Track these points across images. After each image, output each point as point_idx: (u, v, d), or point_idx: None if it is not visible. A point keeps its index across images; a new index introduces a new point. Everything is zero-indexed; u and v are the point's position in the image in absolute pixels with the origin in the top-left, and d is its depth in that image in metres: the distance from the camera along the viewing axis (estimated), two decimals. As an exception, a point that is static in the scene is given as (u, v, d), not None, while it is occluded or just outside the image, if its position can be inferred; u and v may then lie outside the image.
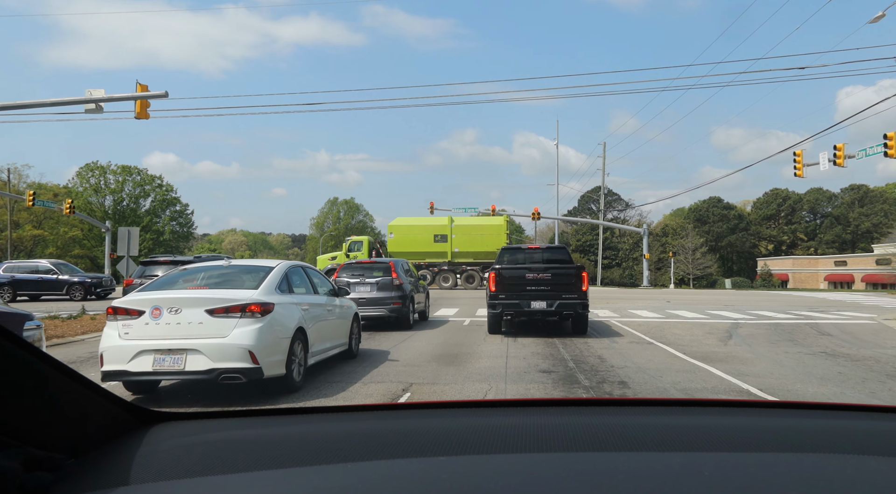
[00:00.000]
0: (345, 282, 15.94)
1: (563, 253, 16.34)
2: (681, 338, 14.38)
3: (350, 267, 16.38)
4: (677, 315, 20.86)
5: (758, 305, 26.23)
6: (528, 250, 16.49)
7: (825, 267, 75.38)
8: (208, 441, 1.40)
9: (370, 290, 15.86)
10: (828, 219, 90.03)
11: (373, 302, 15.71)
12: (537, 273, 14.25)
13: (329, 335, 9.61)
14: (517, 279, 14.27)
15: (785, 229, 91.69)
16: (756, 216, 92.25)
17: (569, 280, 14.23)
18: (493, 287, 14.34)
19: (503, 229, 41.59)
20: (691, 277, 69.89)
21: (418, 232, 42.02)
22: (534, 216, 52.45)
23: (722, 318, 19.57)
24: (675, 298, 31.64)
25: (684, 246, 69.64)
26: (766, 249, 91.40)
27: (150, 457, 1.27)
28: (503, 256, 16.27)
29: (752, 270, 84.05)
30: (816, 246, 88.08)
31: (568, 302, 14.09)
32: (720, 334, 15.34)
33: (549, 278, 14.20)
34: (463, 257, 41.61)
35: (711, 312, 21.93)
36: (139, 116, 23.00)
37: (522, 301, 14.17)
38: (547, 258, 16.25)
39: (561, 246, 17.37)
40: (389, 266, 16.21)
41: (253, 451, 1.32)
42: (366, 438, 1.40)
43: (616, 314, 20.96)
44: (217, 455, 1.30)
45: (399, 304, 15.77)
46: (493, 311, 14.38)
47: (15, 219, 67.47)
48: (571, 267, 14.54)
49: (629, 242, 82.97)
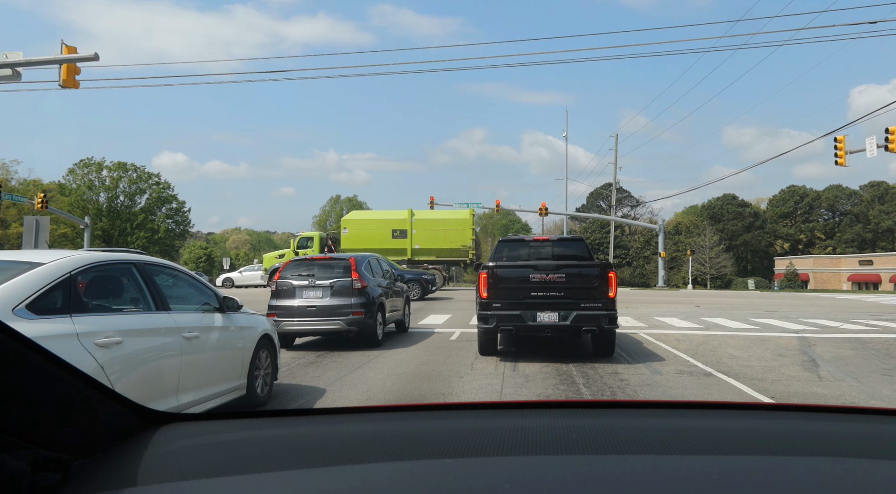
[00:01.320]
0: (288, 285, 11.96)
1: (581, 246, 12.33)
2: (747, 364, 10.36)
3: (297, 266, 12.36)
4: (717, 324, 16.82)
5: (805, 311, 22.14)
6: (534, 243, 12.44)
7: (848, 266, 71.40)
8: (216, 442, 1.39)
9: (322, 296, 11.88)
10: (847, 217, 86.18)
11: (325, 312, 11.74)
12: (547, 273, 10.24)
13: (194, 377, 5.62)
14: (519, 281, 10.28)
15: (802, 227, 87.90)
16: (772, 214, 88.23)
17: (590, 282, 10.24)
18: (484, 291, 10.35)
19: (468, 223, 37.02)
20: (708, 277, 65.75)
21: (375, 226, 37.35)
22: (541, 212, 48.37)
23: (777, 330, 15.52)
24: (702, 301, 27.53)
25: (701, 244, 65.38)
26: (781, 248, 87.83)
27: (157, 458, 1.27)
28: (501, 250, 12.29)
29: (767, 270, 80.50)
30: (835, 244, 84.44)
31: (589, 314, 10.10)
32: (795, 356, 11.31)
33: (562, 280, 10.20)
34: (424, 254, 36.77)
35: (758, 321, 17.87)
36: (65, 85, 19.09)
37: (525, 311, 10.18)
38: (559, 253, 12.25)
39: (577, 237, 13.22)
40: (349, 263, 12.22)
41: (261, 452, 1.30)
42: (374, 439, 1.39)
43: (641, 323, 16.92)
44: (224, 457, 1.29)
45: (361, 314, 11.79)
46: (484, 326, 10.37)
47: (2, 217, 64.60)
48: (594, 266, 10.53)
49: (640, 240, 79.14)
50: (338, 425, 1.54)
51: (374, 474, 1.16)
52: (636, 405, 1.77)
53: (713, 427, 1.49)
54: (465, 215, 37.78)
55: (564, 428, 1.42)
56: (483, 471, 1.18)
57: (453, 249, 36.40)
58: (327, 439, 1.40)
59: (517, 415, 1.57)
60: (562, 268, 10.30)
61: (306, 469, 1.19)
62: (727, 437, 1.39)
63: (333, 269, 12.11)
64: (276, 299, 12.01)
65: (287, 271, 12.20)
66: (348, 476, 1.15)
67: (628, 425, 1.46)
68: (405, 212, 38.39)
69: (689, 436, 1.36)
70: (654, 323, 17.18)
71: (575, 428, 1.42)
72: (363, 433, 1.45)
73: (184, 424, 1.51)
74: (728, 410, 1.70)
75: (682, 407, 1.73)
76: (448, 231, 36.74)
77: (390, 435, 1.41)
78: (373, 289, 12.32)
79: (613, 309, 10.20)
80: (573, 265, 10.64)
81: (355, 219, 38.65)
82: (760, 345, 12.62)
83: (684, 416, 1.61)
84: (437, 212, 42.25)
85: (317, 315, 11.70)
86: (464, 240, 36.42)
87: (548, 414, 1.58)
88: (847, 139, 31.10)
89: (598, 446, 1.30)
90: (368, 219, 38.94)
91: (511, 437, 1.36)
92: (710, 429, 1.45)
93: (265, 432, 1.48)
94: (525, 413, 1.61)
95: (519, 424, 1.46)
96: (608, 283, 10.18)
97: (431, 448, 1.29)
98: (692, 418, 1.59)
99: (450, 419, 1.60)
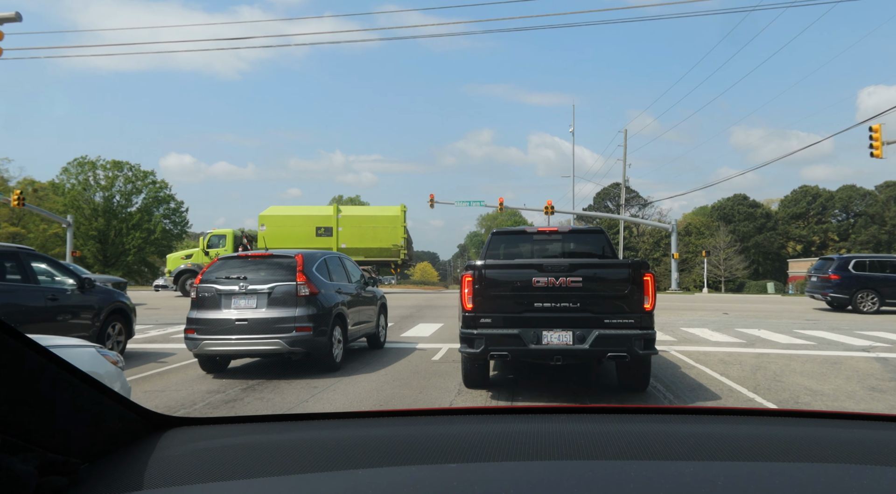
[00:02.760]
0: (212, 292, 9.03)
1: (601, 240, 9.37)
2: (837, 403, 7.41)
3: (225, 266, 9.38)
4: (760, 338, 13.84)
5: (852, 320, 19.14)
6: (539, 235, 9.45)
7: (867, 269, 68.00)
8: (221, 446, 1.39)
9: (256, 306, 8.93)
10: (862, 218, 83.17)
11: (260, 328, 8.79)
12: (556, 275, 7.30)
13: None
14: (517, 287, 7.35)
15: (815, 229, 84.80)
16: (784, 215, 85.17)
17: (617, 289, 7.28)
18: (469, 301, 7.40)
19: (400, 221, 33.02)
20: (723, 280, 62.64)
21: (296, 223, 33.05)
22: (547, 210, 45.29)
23: (839, 347, 12.54)
24: (729, 307, 24.50)
25: (714, 245, 62.29)
26: (794, 250, 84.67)
27: (163, 462, 1.27)
28: (495, 246, 9.36)
29: (779, 272, 77.55)
30: (849, 247, 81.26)
31: (616, 334, 7.15)
32: (888, 385, 8.37)
33: (577, 286, 7.25)
34: (352, 254, 30.62)
35: (806, 334, 14.87)
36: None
37: (526, 329, 7.24)
38: (573, 249, 9.32)
39: (596, 228, 10.00)
40: (295, 261, 9.27)
41: (266, 456, 1.30)
42: (379, 444, 1.38)
43: (668, 336, 13.93)
44: (230, 461, 1.29)
45: (308, 330, 8.84)
46: (469, 350, 7.39)
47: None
48: (622, 265, 7.54)
49: (649, 242, 76.19)
50: (343, 429, 1.53)
51: (378, 478, 1.15)
52: (640, 411, 1.67)
53: (718, 432, 1.46)
54: (396, 212, 33.56)
55: (568, 434, 1.41)
56: (486, 476, 1.17)
57: (383, 249, 32.77)
58: (332, 443, 1.40)
59: (521, 421, 1.56)
60: (577, 269, 7.33)
61: (311, 474, 1.19)
62: (732, 443, 1.35)
63: (274, 271, 9.17)
64: (197, 310, 9.08)
65: (212, 273, 9.24)
66: (352, 480, 1.15)
67: (633, 430, 1.44)
68: (331, 207, 34.99)
69: (695, 442, 1.34)
70: (683, 336, 14.20)
71: (579, 434, 1.41)
72: (368, 437, 1.44)
73: (190, 428, 1.50)
74: (733, 416, 1.67)
75: (687, 413, 1.70)
76: (378, 229, 32.91)
77: (394, 440, 1.40)
78: (327, 297, 9.38)
79: (650, 328, 7.24)
80: (593, 265, 7.68)
81: (274, 214, 33.84)
82: (835, 371, 9.64)
83: (689, 422, 1.59)
84: (365, 209, 38.84)
85: (249, 331, 8.76)
86: (394, 239, 32.64)
87: (552, 420, 1.55)
88: (883, 128, 28.27)
89: (602, 451, 1.29)
90: (289, 214, 34.29)
91: (515, 442, 1.35)
92: (715, 435, 1.42)
93: (271, 436, 1.47)
94: (529, 418, 1.59)
95: (523, 429, 1.45)
96: (643, 290, 7.23)
97: (435, 453, 1.27)
98: (697, 424, 1.56)
99: (453, 424, 1.58)
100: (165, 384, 8.67)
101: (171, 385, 8.60)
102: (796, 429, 1.50)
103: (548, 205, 45.10)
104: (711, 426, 1.53)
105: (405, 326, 16.28)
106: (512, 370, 9.36)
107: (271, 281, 9.00)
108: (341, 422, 1.59)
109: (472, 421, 1.58)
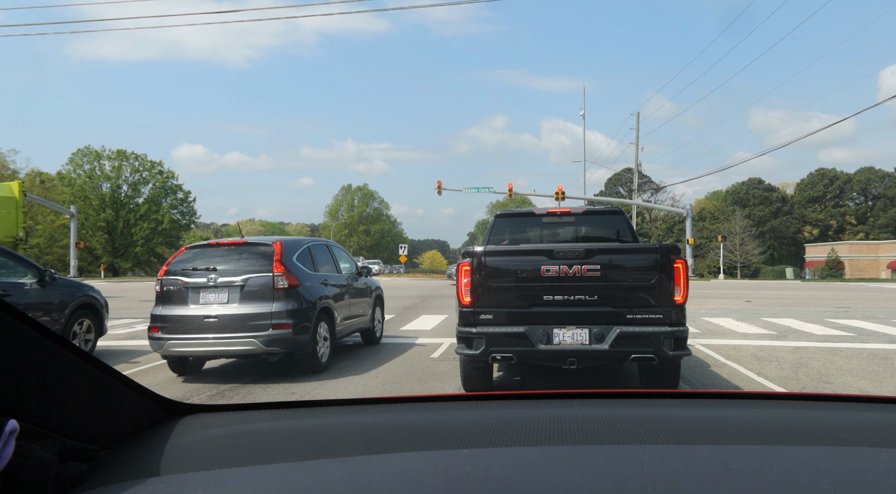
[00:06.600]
0: (177, 285, 7.98)
1: (620, 222, 8.22)
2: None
3: (192, 255, 8.30)
4: (791, 328, 12.68)
5: (885, 307, 17.90)
6: (549, 217, 8.31)
7: (887, 253, 66.39)
8: (237, 432, 1.37)
9: (228, 301, 7.86)
10: (881, 201, 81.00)
11: (231, 326, 7.73)
12: (570, 263, 6.17)
13: None
14: (524, 277, 6.23)
15: (832, 212, 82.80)
16: (800, 198, 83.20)
17: (642, 278, 6.16)
18: (467, 294, 6.32)
19: (16, 204, 22.07)
20: (738, 266, 61.20)
21: None
22: (558, 195, 44.04)
23: (881, 339, 11.36)
24: (751, 295, 23.26)
25: (729, 230, 60.80)
26: (810, 234, 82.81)
27: (179, 448, 1.25)
28: (500, 230, 8.26)
29: (796, 257, 75.95)
30: (868, 230, 79.48)
31: (641, 332, 6.03)
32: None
33: (595, 275, 6.13)
34: None
35: (841, 323, 13.69)
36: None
37: (534, 327, 6.13)
38: (588, 233, 8.20)
39: (615, 208, 8.72)
40: (272, 249, 8.19)
41: (282, 442, 1.28)
42: (394, 430, 1.34)
43: (691, 327, 12.76)
44: (245, 447, 1.27)
45: (286, 328, 7.77)
46: (467, 351, 6.31)
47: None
48: (647, 249, 6.38)
49: (662, 227, 74.77)
50: (358, 415, 1.50)
51: (393, 464, 1.14)
52: (654, 395, 1.65)
53: (733, 416, 1.42)
54: (11, 191, 22.42)
55: (582, 418, 1.38)
56: (500, 461, 1.15)
57: None
58: (347, 429, 1.38)
59: (535, 406, 1.52)
60: (594, 255, 6.20)
61: (326, 459, 1.17)
62: (747, 427, 1.32)
63: (248, 261, 8.09)
64: (162, 306, 8.03)
65: (178, 263, 8.17)
66: (368, 465, 1.13)
67: (647, 415, 1.41)
68: None
69: (709, 426, 1.32)
70: (707, 327, 13.05)
71: (593, 418, 1.38)
72: (383, 423, 1.41)
73: (204, 415, 1.49)
74: (748, 400, 1.64)
75: (701, 397, 1.68)
76: None
77: (409, 426, 1.38)
78: (310, 290, 8.30)
79: (682, 324, 6.10)
80: (613, 250, 6.52)
81: None
82: (889, 369, 8.49)
83: (703, 406, 1.56)
84: None
85: (220, 330, 7.70)
86: (8, 228, 22.02)
87: (565, 404, 1.53)
88: None
89: (615, 435, 1.27)
90: None
91: (528, 427, 1.33)
92: (729, 419, 1.39)
93: (286, 422, 1.45)
94: (542, 403, 1.56)
95: (537, 415, 1.42)
96: (673, 279, 6.09)
97: (450, 439, 1.26)
98: (711, 408, 1.53)
99: (468, 410, 1.54)
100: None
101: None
102: (811, 413, 1.46)
103: (558, 190, 43.84)
104: (725, 410, 1.49)
105: (406, 318, 15.23)
106: (518, 371, 8.27)
107: (245, 272, 7.92)
108: (356, 408, 1.57)
109: (487, 407, 1.56)
